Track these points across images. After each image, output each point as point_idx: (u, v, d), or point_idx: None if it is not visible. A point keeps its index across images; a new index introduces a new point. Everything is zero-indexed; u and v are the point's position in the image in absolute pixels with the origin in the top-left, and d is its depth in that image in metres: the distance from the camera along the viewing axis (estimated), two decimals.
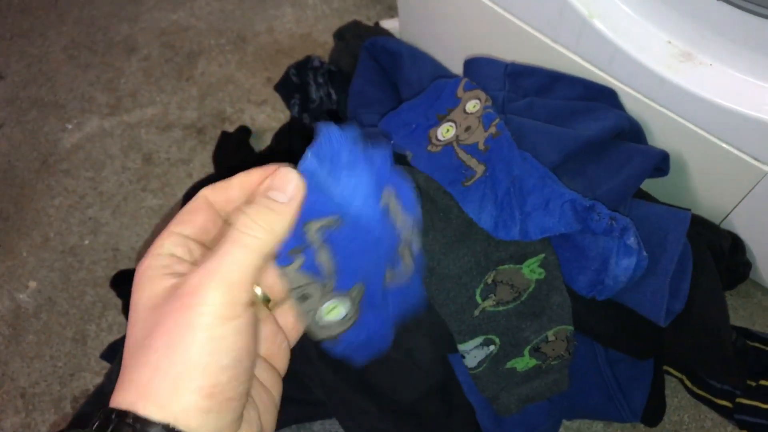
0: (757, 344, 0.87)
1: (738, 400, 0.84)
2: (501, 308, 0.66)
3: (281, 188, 0.35)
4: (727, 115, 0.69)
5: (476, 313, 0.66)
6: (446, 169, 0.68)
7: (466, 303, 0.66)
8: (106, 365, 0.97)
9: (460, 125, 0.71)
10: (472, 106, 0.71)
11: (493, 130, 0.67)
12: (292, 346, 0.39)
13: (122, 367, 0.31)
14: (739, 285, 0.89)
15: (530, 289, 0.67)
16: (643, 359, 0.79)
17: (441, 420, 0.74)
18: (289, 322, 0.39)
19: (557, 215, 0.62)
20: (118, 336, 0.99)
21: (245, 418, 0.33)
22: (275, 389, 0.38)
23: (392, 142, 0.75)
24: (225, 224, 0.36)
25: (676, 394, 0.89)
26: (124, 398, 0.30)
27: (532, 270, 0.67)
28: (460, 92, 0.75)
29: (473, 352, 0.68)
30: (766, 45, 0.66)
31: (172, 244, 0.34)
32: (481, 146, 0.67)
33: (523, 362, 0.69)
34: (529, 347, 0.68)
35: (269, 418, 0.36)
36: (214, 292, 0.30)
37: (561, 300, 0.67)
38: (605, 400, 0.78)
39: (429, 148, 0.71)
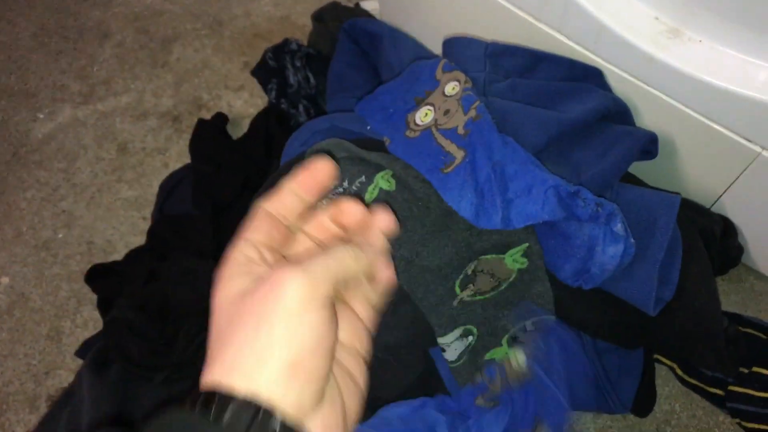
0: (749, 330, 0.85)
1: (730, 388, 0.82)
2: (478, 297, 0.64)
3: (373, 241, 0.43)
4: (718, 94, 0.66)
5: (455, 303, 0.64)
6: (424, 156, 0.65)
7: (446, 295, 0.63)
8: (82, 363, 0.95)
9: (439, 109, 0.68)
10: (451, 88, 0.68)
11: (473, 113, 0.64)
12: (372, 334, 0.43)
13: (209, 354, 0.35)
14: (732, 269, 0.87)
15: (511, 279, 0.64)
16: (631, 349, 0.77)
17: None
18: (365, 313, 0.43)
19: (541, 202, 0.59)
20: (93, 332, 0.96)
21: (327, 397, 0.36)
22: (359, 375, 0.41)
23: (369, 127, 0.72)
24: (289, 231, 0.42)
25: (667, 383, 0.87)
26: (211, 378, 0.34)
27: (514, 260, 0.64)
28: (438, 74, 0.71)
29: (454, 345, 0.65)
30: (758, 20, 0.63)
31: (246, 248, 0.38)
32: (460, 130, 0.64)
33: (502, 352, 0.66)
34: (507, 336, 0.66)
35: (353, 401, 0.39)
36: (300, 281, 0.35)
37: (542, 290, 0.65)
38: (594, 391, 0.76)
39: (407, 133, 0.68)
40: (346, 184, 0.64)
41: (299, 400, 0.34)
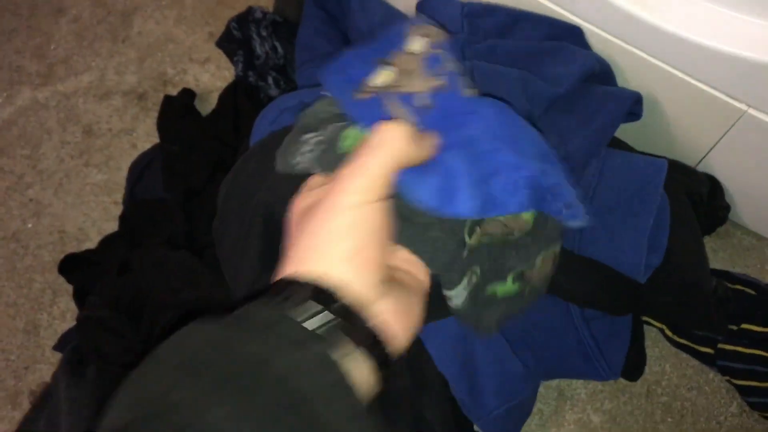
0: (738, 287, 0.84)
1: (719, 346, 0.82)
2: (485, 239, 0.55)
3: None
4: (702, 52, 0.63)
5: (465, 254, 0.54)
6: (369, 123, 0.53)
7: (458, 248, 0.54)
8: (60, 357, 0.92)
9: (401, 69, 0.61)
10: (418, 45, 0.61)
11: (437, 81, 0.57)
12: None
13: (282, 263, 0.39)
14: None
15: (528, 228, 0.55)
16: (620, 315, 0.76)
17: (412, 397, 0.71)
18: None
19: (510, 192, 0.50)
20: (71, 324, 0.94)
21: (393, 291, 0.40)
22: (421, 277, 0.47)
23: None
24: None
25: (657, 344, 0.86)
26: (283, 274, 0.38)
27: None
28: (409, 30, 0.65)
29: (459, 291, 0.55)
30: None
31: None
32: (421, 101, 0.56)
33: (505, 288, 0.57)
34: (512, 274, 0.57)
35: (417, 300, 0.44)
36: (359, 179, 0.39)
37: (555, 223, 0.56)
38: (583, 361, 0.75)
39: (356, 94, 0.57)
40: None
41: (363, 286, 0.37)
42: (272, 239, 0.65)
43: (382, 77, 0.58)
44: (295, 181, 0.63)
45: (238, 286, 0.65)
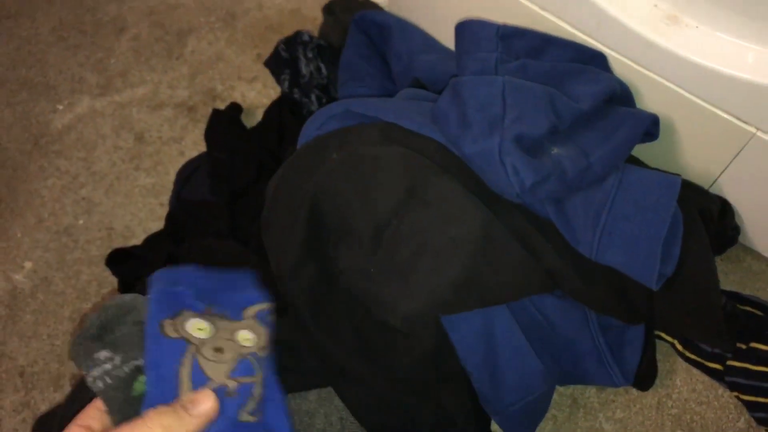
0: (747, 308, 0.88)
1: (729, 362, 0.85)
2: None
3: (196, 403, 0.43)
4: (714, 77, 0.69)
5: None
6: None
7: None
8: None
9: (217, 337, 0.53)
10: (245, 335, 0.55)
11: (230, 383, 0.50)
12: None
13: None
14: (730, 250, 0.90)
15: None
16: (634, 324, 0.80)
17: (436, 387, 0.75)
18: None
19: None
20: None
21: None
22: None
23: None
24: None
25: (668, 359, 0.90)
26: None
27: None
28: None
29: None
30: (752, 6, 0.66)
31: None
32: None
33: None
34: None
35: None
36: None
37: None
38: (597, 366, 0.79)
39: (166, 327, 0.50)
40: None
41: None
42: (316, 228, 0.72)
43: (196, 327, 0.52)
44: (341, 177, 0.70)
45: (282, 269, 0.71)
